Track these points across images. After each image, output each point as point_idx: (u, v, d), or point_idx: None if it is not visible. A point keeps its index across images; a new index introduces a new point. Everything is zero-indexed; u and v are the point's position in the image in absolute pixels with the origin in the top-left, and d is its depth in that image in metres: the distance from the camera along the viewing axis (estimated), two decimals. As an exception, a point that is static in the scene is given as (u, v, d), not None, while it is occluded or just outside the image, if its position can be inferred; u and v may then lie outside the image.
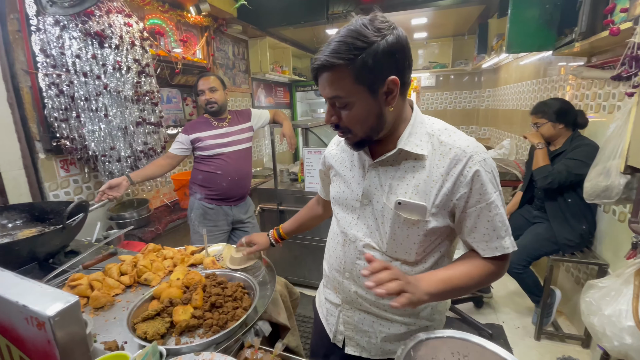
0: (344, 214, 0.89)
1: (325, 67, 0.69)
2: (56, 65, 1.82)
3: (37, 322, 0.51)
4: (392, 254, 0.82)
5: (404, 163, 0.78)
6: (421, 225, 0.76)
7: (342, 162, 0.91)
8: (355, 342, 0.94)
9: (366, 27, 0.66)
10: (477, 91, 5.25)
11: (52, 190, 2.03)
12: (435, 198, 0.75)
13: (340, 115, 0.74)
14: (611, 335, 1.14)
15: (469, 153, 0.72)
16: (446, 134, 0.77)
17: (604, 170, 1.40)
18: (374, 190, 0.81)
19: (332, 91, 0.71)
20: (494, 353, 0.62)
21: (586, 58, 2.04)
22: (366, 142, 0.79)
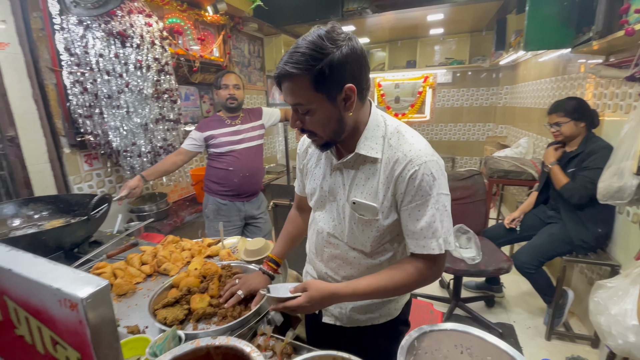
0: (315, 207, 0.99)
1: (285, 76, 0.74)
2: (80, 63, 1.91)
3: (71, 304, 0.57)
4: (351, 245, 0.92)
5: (362, 165, 0.85)
6: (373, 223, 0.85)
7: (314, 160, 0.98)
8: (329, 313, 1.04)
9: (322, 39, 0.70)
10: (494, 88, 5.15)
11: (76, 184, 2.14)
12: (383, 199, 0.82)
13: (303, 120, 0.80)
14: (616, 334, 1.14)
15: (409, 157, 0.78)
16: (395, 138, 0.82)
17: (617, 171, 1.38)
18: (337, 189, 0.90)
19: (293, 99, 0.77)
20: (495, 346, 0.64)
21: (604, 56, 1.99)
22: (331, 144, 0.85)
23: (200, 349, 0.70)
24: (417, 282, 0.83)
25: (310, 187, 0.99)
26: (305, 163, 1.02)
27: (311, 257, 1.07)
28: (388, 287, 0.82)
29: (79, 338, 0.58)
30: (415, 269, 0.82)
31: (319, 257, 1.01)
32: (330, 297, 0.82)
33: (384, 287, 0.82)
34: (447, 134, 5.64)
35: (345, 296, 0.83)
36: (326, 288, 0.82)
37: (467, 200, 2.28)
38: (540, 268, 1.96)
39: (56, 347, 0.62)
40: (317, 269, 1.04)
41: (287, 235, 1.18)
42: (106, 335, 0.60)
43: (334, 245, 0.95)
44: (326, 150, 0.87)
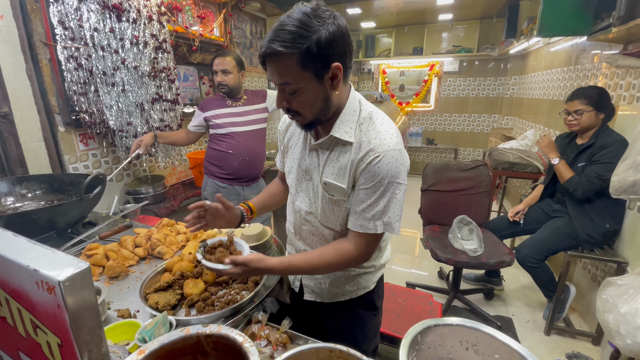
0: (293, 185, 1.00)
1: (272, 55, 0.72)
2: (74, 38, 1.82)
3: (48, 287, 0.52)
4: (324, 223, 0.95)
5: (336, 147, 0.88)
6: (342, 203, 0.89)
7: (295, 139, 1.00)
8: (310, 289, 1.08)
9: (309, 17, 0.70)
10: (502, 78, 5.03)
11: (71, 163, 2.09)
12: (349, 180, 0.86)
13: (290, 100, 0.79)
14: (625, 333, 1.10)
15: (372, 144, 0.82)
16: (366, 124, 0.85)
17: (633, 164, 1.32)
18: (313, 169, 0.92)
19: (280, 78, 0.75)
20: (504, 344, 0.60)
21: (622, 45, 1.90)
22: (315, 123, 0.85)
23: (190, 337, 0.65)
24: (346, 261, 0.89)
25: (289, 165, 1.01)
26: (286, 142, 1.04)
27: (290, 237, 1.10)
28: (319, 265, 0.88)
29: (58, 323, 0.54)
30: (346, 248, 0.88)
31: (298, 235, 1.04)
32: (265, 271, 0.89)
33: (316, 264, 0.87)
34: (451, 124, 5.55)
35: (280, 271, 0.90)
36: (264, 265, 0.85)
37: (471, 191, 2.23)
38: (543, 262, 1.92)
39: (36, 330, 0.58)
40: (297, 247, 1.06)
41: (268, 191, 1.20)
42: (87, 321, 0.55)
43: (310, 223, 0.98)
44: (310, 130, 0.88)
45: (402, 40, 5.27)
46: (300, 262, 0.89)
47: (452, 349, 0.67)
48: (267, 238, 1.28)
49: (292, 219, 1.04)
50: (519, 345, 0.59)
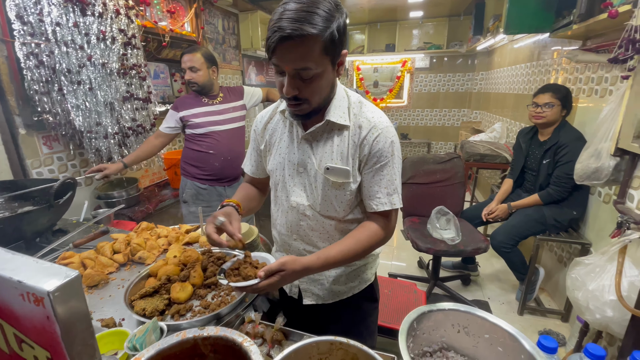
0: (283, 183, 0.96)
1: (298, 37, 0.68)
2: (34, 33, 1.70)
3: (35, 298, 0.49)
4: (324, 213, 0.93)
5: (330, 133, 0.88)
6: (346, 186, 0.88)
7: (277, 136, 0.96)
8: (310, 292, 1.04)
9: (330, 3, 0.71)
10: (470, 74, 5.24)
11: (34, 168, 1.95)
12: (354, 162, 0.87)
13: (302, 87, 0.76)
14: (594, 308, 1.20)
15: (372, 123, 0.85)
16: (357, 108, 0.88)
17: (595, 152, 1.42)
18: (307, 159, 0.90)
19: (302, 62, 0.72)
20: (494, 324, 0.64)
21: (581, 41, 2.04)
22: (316, 111, 0.84)
23: (187, 341, 0.64)
24: (378, 241, 0.89)
25: (274, 163, 0.97)
26: (267, 140, 0.99)
27: (284, 240, 1.02)
28: (357, 250, 0.86)
29: (47, 336, 0.51)
30: (376, 228, 0.88)
31: (295, 234, 0.99)
32: (302, 272, 0.81)
33: (354, 251, 0.85)
34: (424, 119, 5.71)
35: (318, 268, 0.83)
36: (300, 264, 0.80)
37: (447, 182, 2.32)
38: (515, 247, 2.04)
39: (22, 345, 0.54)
40: (293, 249, 1.01)
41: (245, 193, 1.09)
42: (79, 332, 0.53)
43: (309, 218, 0.95)
44: (308, 119, 0.85)
45: (375, 37, 5.35)
46: (338, 252, 0.84)
47: (445, 332, 0.70)
48: (255, 237, 1.27)
49: (287, 218, 0.98)
50: (507, 324, 0.63)
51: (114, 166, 1.76)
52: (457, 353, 0.70)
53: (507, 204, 2.11)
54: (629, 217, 1.23)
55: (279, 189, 0.98)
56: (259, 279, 0.75)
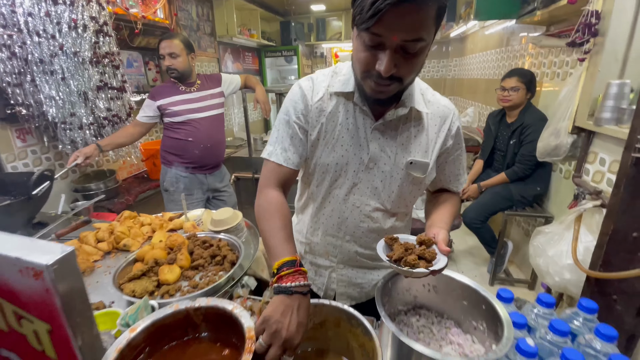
0: (345, 179, 0.82)
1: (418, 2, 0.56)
2: (7, 25, 1.63)
3: (34, 272, 0.52)
4: (394, 211, 0.86)
5: (406, 122, 0.77)
6: (423, 180, 0.81)
7: (338, 123, 0.79)
8: (346, 295, 0.97)
9: None
10: (444, 60, 5.36)
11: (9, 162, 1.89)
12: (432, 154, 0.80)
13: (402, 64, 0.63)
14: (553, 272, 1.32)
15: (451, 109, 0.81)
16: (430, 93, 0.82)
17: (554, 131, 1.54)
18: (380, 153, 0.78)
19: (417, 32, 0.59)
20: (458, 281, 0.72)
21: (545, 27, 2.15)
22: (401, 93, 0.73)
23: (180, 312, 0.68)
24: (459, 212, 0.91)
25: (337, 155, 0.80)
26: (317, 125, 0.80)
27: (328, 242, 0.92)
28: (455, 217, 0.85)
29: (47, 308, 0.54)
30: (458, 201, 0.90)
31: (349, 235, 0.88)
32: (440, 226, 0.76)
33: (455, 216, 0.85)
34: (402, 105, 5.82)
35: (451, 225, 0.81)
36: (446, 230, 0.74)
37: (424, 165, 2.42)
38: (485, 223, 2.17)
39: (21, 321, 0.57)
40: (342, 251, 0.91)
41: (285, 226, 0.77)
42: (77, 304, 0.56)
43: (372, 218, 0.85)
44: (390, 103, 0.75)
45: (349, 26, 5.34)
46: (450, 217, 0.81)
47: (417, 292, 0.77)
48: (239, 221, 1.31)
49: (340, 218, 0.87)
50: (470, 280, 0.71)
51: (87, 148, 1.68)
52: (428, 310, 0.78)
53: (477, 184, 2.23)
54: (584, 189, 1.36)
55: (335, 186, 0.84)
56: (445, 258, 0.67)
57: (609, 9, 1.27)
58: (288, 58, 5.03)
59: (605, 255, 1.09)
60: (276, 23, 5.09)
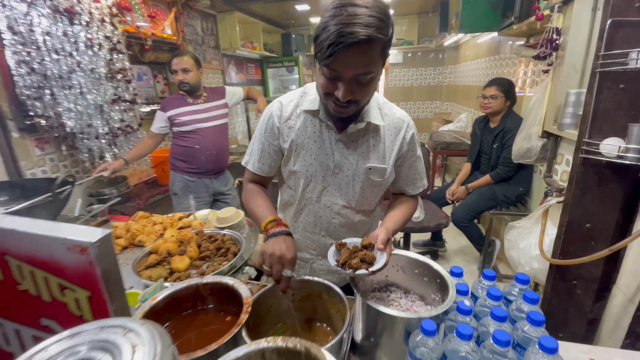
0: (315, 184, 0.96)
1: (368, 42, 0.67)
2: (25, 42, 1.82)
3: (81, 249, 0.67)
4: (360, 208, 1.00)
5: (366, 134, 0.91)
6: (383, 182, 0.96)
7: (305, 137, 0.93)
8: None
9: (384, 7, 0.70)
10: (440, 68, 5.53)
11: (28, 169, 2.07)
12: (389, 160, 0.93)
13: (356, 90, 0.76)
14: (524, 263, 1.46)
15: (406, 121, 0.95)
16: (387, 107, 0.95)
17: (527, 135, 1.69)
18: (343, 160, 0.92)
19: (366, 67, 0.71)
20: (419, 260, 0.86)
21: (525, 38, 2.31)
22: (359, 113, 0.88)
23: (191, 287, 0.84)
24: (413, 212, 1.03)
25: (306, 163, 0.94)
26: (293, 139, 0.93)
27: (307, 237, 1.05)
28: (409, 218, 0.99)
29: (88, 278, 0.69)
30: (415, 202, 1.03)
31: (324, 231, 1.02)
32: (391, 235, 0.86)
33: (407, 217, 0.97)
34: (400, 111, 5.99)
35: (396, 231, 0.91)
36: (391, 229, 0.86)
37: (414, 168, 2.57)
38: (472, 222, 2.31)
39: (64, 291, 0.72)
40: (319, 245, 1.05)
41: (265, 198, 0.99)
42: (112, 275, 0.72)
43: (341, 215, 0.99)
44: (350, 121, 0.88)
45: (349, 34, 5.54)
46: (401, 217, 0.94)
47: (387, 272, 0.92)
48: (241, 219, 1.47)
49: (315, 216, 1.00)
50: (428, 259, 0.86)
51: (116, 163, 1.91)
52: (397, 287, 0.92)
53: (465, 185, 2.38)
54: (552, 187, 1.50)
55: (308, 190, 0.97)
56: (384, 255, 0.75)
57: (567, 25, 1.42)
58: (289, 68, 5.24)
59: (563, 244, 1.23)
60: (277, 35, 5.31)
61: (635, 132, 0.96)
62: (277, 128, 0.95)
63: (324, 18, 0.72)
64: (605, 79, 1.07)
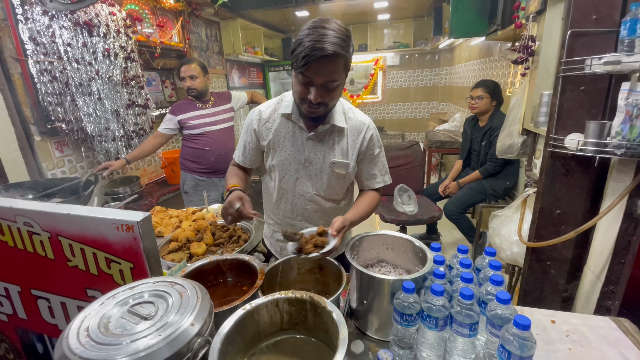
0: (289, 175, 1.13)
1: (333, 56, 0.86)
2: (47, 52, 1.99)
3: (127, 227, 0.83)
4: (328, 197, 1.17)
5: (331, 134, 1.09)
6: (347, 175, 1.13)
7: (281, 136, 1.11)
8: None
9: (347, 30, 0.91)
10: (436, 69, 5.69)
11: (49, 170, 2.23)
12: (352, 156, 1.11)
13: (325, 95, 0.95)
14: (505, 247, 1.61)
15: (366, 123, 1.12)
16: (351, 112, 1.13)
17: (509, 133, 1.85)
18: (312, 155, 1.10)
19: (333, 75, 0.91)
20: (405, 239, 1.02)
21: (511, 42, 2.47)
22: (326, 114, 1.06)
23: (213, 262, 0.99)
24: (377, 204, 1.18)
25: (282, 158, 1.12)
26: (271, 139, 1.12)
27: (286, 222, 1.22)
28: (372, 208, 1.14)
29: (133, 252, 0.85)
30: (376, 197, 1.18)
31: (299, 216, 1.19)
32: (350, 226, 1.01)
33: (370, 209, 1.13)
34: (397, 112, 6.15)
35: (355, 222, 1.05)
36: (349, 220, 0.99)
37: (408, 166, 2.73)
38: (463, 214, 2.47)
39: (110, 264, 0.88)
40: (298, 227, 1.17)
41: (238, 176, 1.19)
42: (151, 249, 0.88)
43: (314, 202, 1.16)
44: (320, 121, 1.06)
45: (347, 38, 5.72)
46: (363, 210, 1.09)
47: (378, 250, 1.07)
48: (249, 210, 1.62)
49: (292, 204, 1.18)
50: (412, 237, 1.02)
51: (117, 163, 2.05)
52: (387, 263, 1.08)
53: (457, 181, 2.53)
54: (531, 179, 1.65)
55: (284, 181, 1.15)
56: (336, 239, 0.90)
57: (541, 33, 1.58)
58: (290, 72, 5.39)
59: (537, 229, 1.39)
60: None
61: (592, 127, 1.12)
62: (254, 130, 1.14)
63: (299, 36, 0.91)
64: (568, 82, 1.22)
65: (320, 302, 0.68)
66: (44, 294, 0.98)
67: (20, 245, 0.93)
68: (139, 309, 0.62)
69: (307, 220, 1.20)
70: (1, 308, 1.05)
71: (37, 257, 0.93)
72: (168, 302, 0.64)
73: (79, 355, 0.49)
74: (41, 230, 0.91)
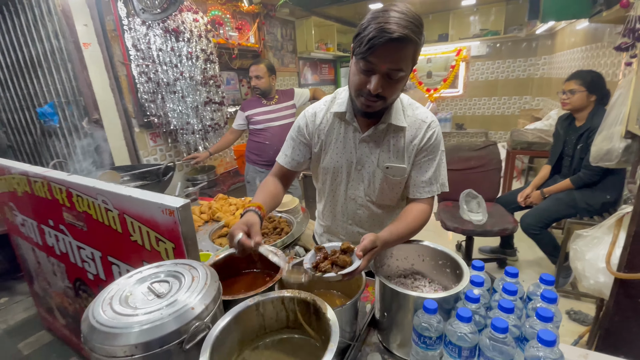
0: (341, 178, 1.06)
1: (404, 41, 0.75)
2: (144, 57, 2.33)
3: (169, 211, 0.94)
4: (380, 203, 1.08)
5: (387, 134, 0.98)
6: (402, 180, 1.02)
7: (333, 137, 1.03)
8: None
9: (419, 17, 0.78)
10: (532, 59, 4.95)
11: (144, 157, 2.64)
12: (409, 159, 0.99)
13: (386, 86, 0.83)
14: (589, 275, 1.33)
15: (427, 122, 0.98)
16: (410, 109, 0.99)
17: (607, 135, 1.50)
18: (365, 158, 1.01)
19: (399, 63, 0.79)
20: (441, 251, 0.92)
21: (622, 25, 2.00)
22: (385, 109, 0.94)
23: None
24: (426, 220, 0.98)
25: (333, 160, 1.04)
26: (323, 140, 1.04)
27: (337, 225, 1.16)
28: (416, 227, 0.95)
29: (173, 234, 0.95)
30: (425, 210, 0.99)
31: (350, 219, 1.12)
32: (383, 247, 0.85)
33: (414, 227, 0.95)
34: (481, 108, 5.56)
35: (392, 243, 0.89)
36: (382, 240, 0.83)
37: (481, 169, 2.44)
38: (544, 230, 2.10)
39: (158, 243, 1.00)
40: (348, 232, 1.15)
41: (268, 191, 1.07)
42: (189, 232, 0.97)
43: (365, 207, 1.08)
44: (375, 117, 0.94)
45: (427, 28, 5.34)
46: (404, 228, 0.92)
47: (412, 260, 0.99)
48: (296, 205, 1.67)
49: (343, 207, 1.11)
50: (451, 251, 0.91)
51: (203, 154, 2.36)
52: (423, 276, 0.99)
53: (541, 190, 2.17)
54: (632, 194, 1.33)
55: (335, 183, 1.09)
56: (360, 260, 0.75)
57: (660, 11, 1.23)
58: (362, 66, 5.33)
59: (630, 257, 1.11)
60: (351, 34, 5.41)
61: None
62: (308, 131, 1.07)
63: (365, 20, 0.80)
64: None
65: (321, 307, 0.66)
66: (116, 261, 1.16)
67: (100, 218, 1.12)
68: (156, 287, 0.69)
69: (359, 225, 1.13)
70: (90, 268, 1.28)
71: (111, 230, 1.12)
72: (181, 283, 0.70)
73: (97, 319, 0.58)
74: (113, 207, 1.08)
